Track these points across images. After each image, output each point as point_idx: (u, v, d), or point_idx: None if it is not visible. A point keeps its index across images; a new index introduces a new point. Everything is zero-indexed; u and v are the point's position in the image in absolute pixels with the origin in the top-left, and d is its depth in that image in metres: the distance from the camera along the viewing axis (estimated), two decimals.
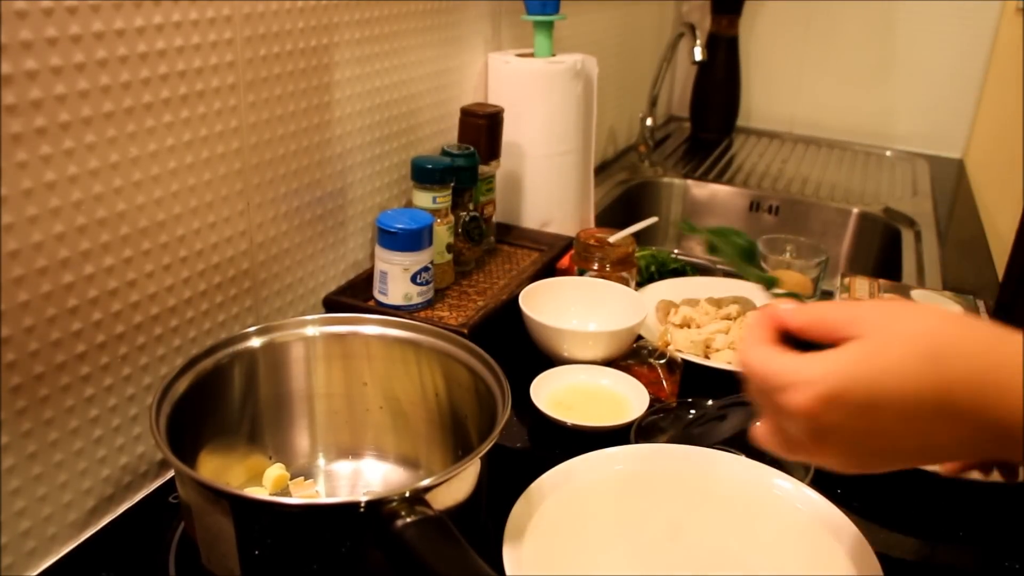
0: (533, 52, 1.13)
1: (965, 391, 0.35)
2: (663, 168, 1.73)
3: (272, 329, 0.69)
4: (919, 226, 1.45)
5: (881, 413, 0.36)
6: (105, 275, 0.62)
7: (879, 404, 0.36)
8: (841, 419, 0.37)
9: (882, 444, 0.37)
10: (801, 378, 0.37)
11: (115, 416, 0.66)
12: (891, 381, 0.36)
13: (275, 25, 0.75)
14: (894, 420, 0.36)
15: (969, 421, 0.36)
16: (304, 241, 0.85)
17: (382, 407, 0.72)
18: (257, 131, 0.75)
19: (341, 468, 0.72)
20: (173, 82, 0.65)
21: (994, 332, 0.36)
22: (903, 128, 1.94)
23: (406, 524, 0.49)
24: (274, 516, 0.53)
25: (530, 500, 0.63)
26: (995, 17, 1.81)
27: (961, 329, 0.36)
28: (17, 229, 0.55)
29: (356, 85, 0.88)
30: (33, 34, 0.53)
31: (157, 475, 0.71)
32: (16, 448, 0.58)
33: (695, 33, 1.58)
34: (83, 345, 0.61)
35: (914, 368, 0.36)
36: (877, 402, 0.36)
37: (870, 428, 0.37)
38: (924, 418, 0.36)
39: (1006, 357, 0.35)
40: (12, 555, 0.59)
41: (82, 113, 0.58)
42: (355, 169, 0.91)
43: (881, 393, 0.36)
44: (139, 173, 0.63)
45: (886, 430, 0.37)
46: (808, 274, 1.06)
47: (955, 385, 0.35)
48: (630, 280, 0.98)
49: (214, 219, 0.72)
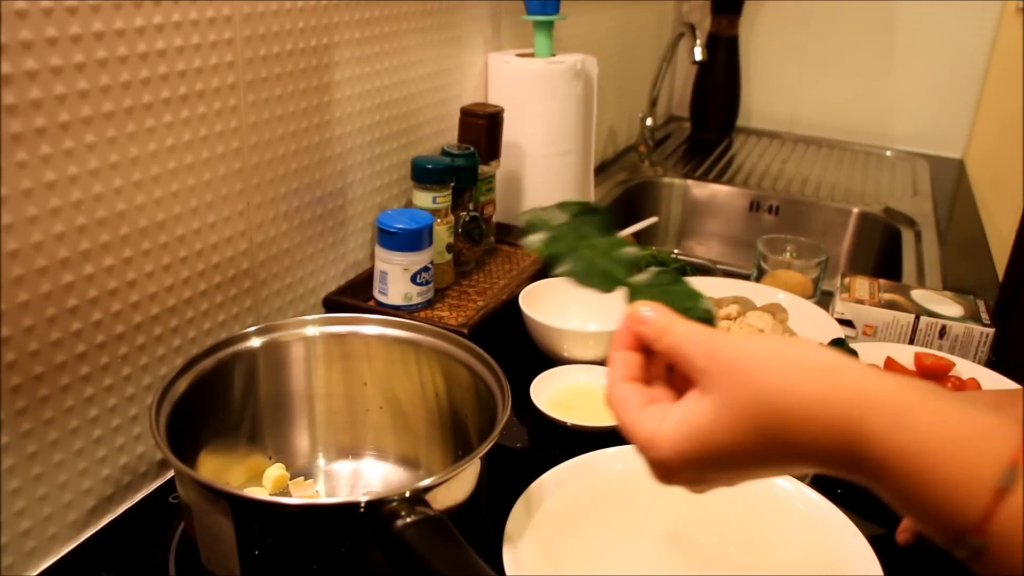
0: (533, 52, 1.13)
1: (806, 451, 0.37)
2: (663, 168, 1.73)
3: (272, 329, 0.69)
4: (919, 226, 1.45)
5: (735, 465, 0.38)
6: (105, 275, 0.62)
7: (731, 462, 0.38)
8: (698, 474, 0.39)
9: (750, 475, 0.40)
10: (653, 449, 0.39)
11: (115, 416, 0.66)
12: (737, 450, 0.37)
13: (275, 25, 0.75)
14: (751, 467, 0.39)
15: (823, 463, 0.37)
16: (304, 241, 0.85)
17: (382, 407, 0.72)
18: (257, 131, 0.75)
19: (341, 468, 0.72)
20: (173, 82, 0.65)
21: (831, 381, 0.36)
22: (903, 128, 1.94)
23: (406, 524, 0.49)
24: (274, 516, 0.53)
25: (530, 500, 0.63)
26: (995, 17, 1.81)
27: (800, 392, 0.36)
28: (17, 229, 0.55)
29: (356, 85, 0.88)
30: (33, 34, 0.53)
31: (157, 475, 0.71)
32: (16, 448, 0.58)
33: (695, 33, 1.58)
34: (83, 345, 0.61)
35: (753, 440, 0.37)
36: (728, 460, 0.38)
37: (730, 473, 0.39)
38: (777, 463, 0.38)
39: (840, 414, 0.35)
40: (12, 555, 0.59)
41: (82, 113, 0.58)
42: (355, 169, 0.91)
43: (730, 456, 0.38)
44: (139, 173, 0.63)
45: (746, 471, 0.39)
46: (808, 274, 1.06)
47: (796, 449, 0.37)
48: None
49: (214, 219, 0.72)
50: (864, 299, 0.94)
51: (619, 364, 0.43)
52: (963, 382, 0.81)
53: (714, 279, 1.06)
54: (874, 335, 0.93)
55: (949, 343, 0.90)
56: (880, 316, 0.92)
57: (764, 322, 0.91)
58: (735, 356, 0.38)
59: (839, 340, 0.85)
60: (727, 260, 1.48)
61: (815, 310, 0.97)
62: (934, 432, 0.33)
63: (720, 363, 0.38)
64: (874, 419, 0.34)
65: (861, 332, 0.93)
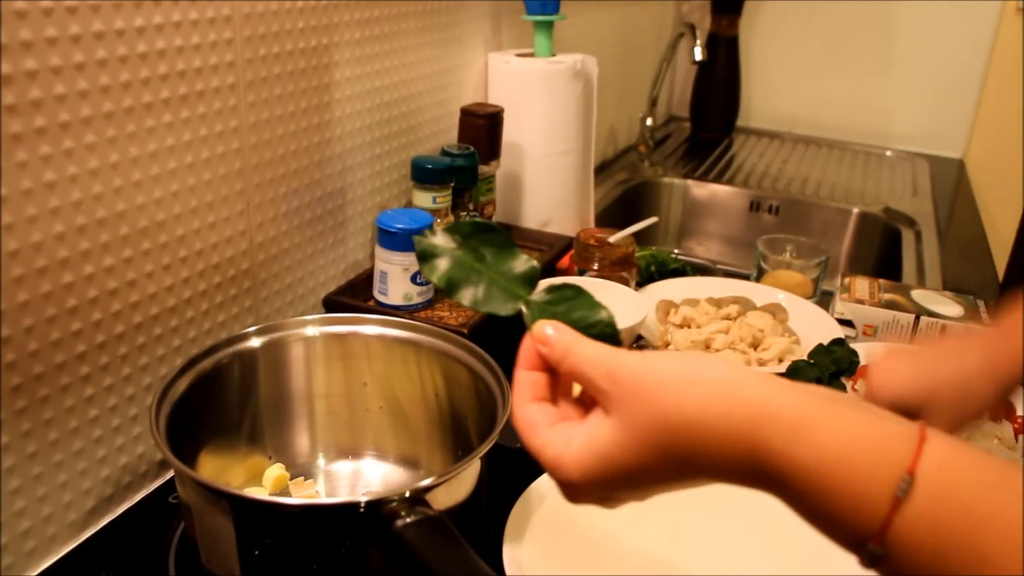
0: (533, 52, 1.13)
1: (709, 466, 0.37)
2: (663, 168, 1.73)
3: (272, 329, 0.69)
4: (919, 226, 1.45)
5: (642, 483, 0.39)
6: (105, 275, 0.62)
7: (637, 481, 0.39)
8: (606, 493, 0.40)
9: (658, 490, 0.40)
10: (560, 471, 0.40)
11: (115, 416, 0.66)
12: (643, 469, 0.38)
13: (275, 25, 0.75)
14: (658, 483, 0.39)
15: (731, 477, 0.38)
16: (304, 241, 0.85)
17: (382, 407, 0.72)
18: (257, 131, 0.75)
19: (341, 468, 0.72)
20: (173, 82, 0.65)
21: (728, 407, 0.37)
22: (903, 128, 1.94)
23: (406, 524, 0.49)
24: (274, 516, 0.53)
25: (530, 500, 0.63)
26: (995, 17, 1.81)
27: (697, 414, 0.37)
28: (17, 229, 0.55)
29: (356, 85, 0.88)
30: (33, 34, 0.53)
31: (157, 475, 0.71)
32: (16, 448, 0.58)
33: (695, 33, 1.58)
34: (83, 345, 0.61)
35: (657, 458, 0.38)
36: (634, 480, 0.39)
37: (638, 490, 0.40)
38: (684, 478, 0.39)
39: (733, 435, 0.36)
40: (12, 555, 0.59)
41: (82, 113, 0.58)
42: (355, 169, 0.91)
43: (635, 476, 0.39)
44: (139, 173, 0.63)
45: (654, 487, 0.40)
46: (808, 274, 1.06)
47: (700, 464, 0.37)
48: (630, 280, 0.98)
49: (214, 219, 0.72)
50: (864, 299, 0.94)
51: (524, 385, 0.43)
52: None
53: (714, 279, 1.06)
54: (874, 335, 0.93)
55: None
56: (880, 316, 0.92)
57: (764, 322, 0.91)
58: (635, 376, 0.38)
59: (839, 340, 0.85)
60: (727, 260, 1.48)
61: (815, 310, 0.97)
62: (831, 445, 0.34)
63: (621, 384, 0.38)
64: (772, 434, 0.35)
65: (861, 332, 0.93)
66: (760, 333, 0.89)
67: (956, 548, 0.31)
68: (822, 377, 0.80)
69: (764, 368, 0.85)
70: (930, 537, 0.31)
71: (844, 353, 0.83)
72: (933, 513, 0.31)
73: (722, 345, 0.89)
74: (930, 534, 0.31)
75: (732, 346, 0.89)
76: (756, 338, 0.89)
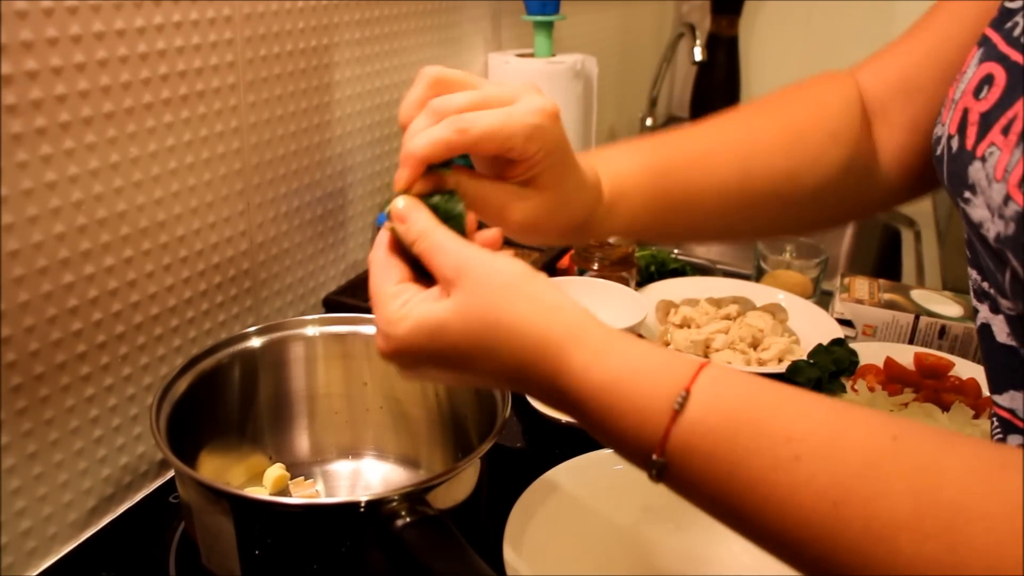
0: (533, 52, 1.13)
1: (516, 371, 0.41)
2: None
3: (272, 329, 0.69)
4: (919, 226, 1.45)
5: (450, 365, 0.42)
6: (105, 275, 0.62)
7: (448, 361, 0.42)
8: (416, 362, 0.43)
9: (460, 379, 0.44)
10: (390, 327, 0.43)
11: (115, 416, 0.66)
12: (457, 351, 0.42)
13: (275, 25, 0.75)
14: (463, 370, 0.42)
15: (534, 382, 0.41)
16: (304, 241, 0.85)
17: (382, 407, 0.72)
18: (257, 131, 0.75)
19: (341, 468, 0.72)
20: (173, 82, 0.65)
21: (544, 316, 0.40)
22: None
23: (406, 524, 0.49)
24: (274, 516, 0.53)
25: (530, 500, 0.63)
26: None
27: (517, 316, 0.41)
28: (17, 229, 0.55)
29: (356, 85, 0.89)
30: (34, 34, 0.53)
31: (157, 475, 0.71)
32: (16, 448, 0.58)
33: (695, 33, 1.58)
34: (83, 345, 0.61)
35: (474, 345, 0.41)
36: (447, 359, 0.42)
37: (444, 371, 0.43)
38: (488, 374, 0.42)
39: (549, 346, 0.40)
40: (12, 555, 0.59)
41: (82, 113, 0.58)
42: (355, 169, 0.91)
43: (449, 355, 0.42)
44: (139, 173, 0.63)
45: (458, 373, 0.43)
46: (808, 274, 1.06)
47: (508, 367, 0.41)
48: (630, 280, 0.98)
49: (214, 219, 0.72)
50: (864, 299, 0.94)
51: (389, 240, 0.46)
52: (963, 382, 0.81)
53: (714, 279, 1.06)
54: (874, 335, 0.93)
55: (949, 343, 0.90)
56: (880, 316, 0.92)
57: (764, 322, 0.91)
58: (478, 276, 0.41)
59: (839, 340, 0.85)
60: (727, 260, 1.48)
61: (815, 310, 0.97)
62: (623, 368, 0.38)
63: (464, 278, 0.41)
64: (574, 356, 0.39)
65: (861, 332, 0.93)
66: (760, 333, 0.89)
67: (724, 450, 0.35)
68: (822, 377, 0.80)
69: (764, 368, 0.85)
70: (705, 442, 0.35)
71: (844, 353, 0.83)
72: (705, 420, 0.36)
73: (722, 345, 0.89)
74: (705, 439, 0.36)
75: (732, 346, 0.89)
76: (756, 338, 0.89)
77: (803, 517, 0.33)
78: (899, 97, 0.59)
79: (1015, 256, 0.39)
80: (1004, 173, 0.40)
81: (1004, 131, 0.40)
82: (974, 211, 0.42)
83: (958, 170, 0.44)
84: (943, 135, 0.47)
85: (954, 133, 0.45)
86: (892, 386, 0.80)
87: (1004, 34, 0.44)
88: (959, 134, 0.45)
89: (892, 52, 0.62)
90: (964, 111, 0.45)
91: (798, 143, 0.59)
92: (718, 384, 0.37)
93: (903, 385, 0.80)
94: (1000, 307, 0.45)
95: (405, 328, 0.42)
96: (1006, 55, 0.43)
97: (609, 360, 0.39)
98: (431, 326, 0.41)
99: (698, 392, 0.36)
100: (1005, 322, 0.45)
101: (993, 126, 0.42)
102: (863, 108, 0.61)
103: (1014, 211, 0.39)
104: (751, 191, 0.58)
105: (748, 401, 0.36)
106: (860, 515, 0.31)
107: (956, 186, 0.45)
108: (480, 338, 0.41)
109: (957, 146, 0.45)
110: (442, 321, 0.41)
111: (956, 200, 0.45)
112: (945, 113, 0.48)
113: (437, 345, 0.42)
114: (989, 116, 0.42)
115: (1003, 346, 0.46)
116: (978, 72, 0.45)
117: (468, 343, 0.41)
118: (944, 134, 0.47)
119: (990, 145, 0.41)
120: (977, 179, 0.42)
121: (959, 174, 0.44)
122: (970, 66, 0.46)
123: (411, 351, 0.43)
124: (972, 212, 0.43)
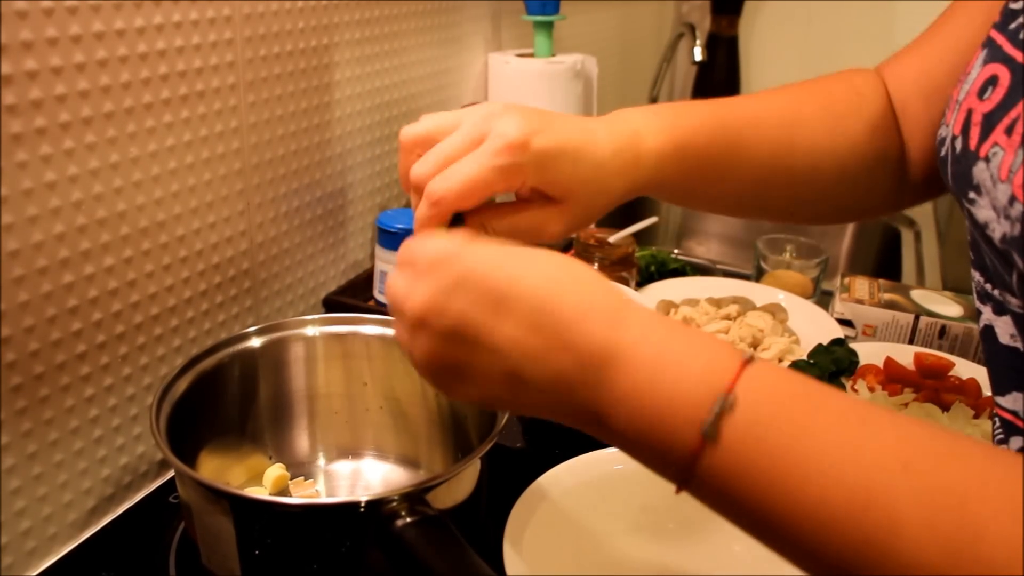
0: (533, 52, 1.13)
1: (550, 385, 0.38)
2: None
3: (272, 329, 0.69)
4: (919, 226, 1.45)
5: (483, 296, 0.39)
6: (105, 275, 0.62)
7: (480, 290, 0.39)
8: (448, 289, 0.39)
9: (494, 340, 0.39)
10: (418, 249, 0.41)
11: (115, 416, 0.66)
12: (488, 286, 0.39)
13: (275, 25, 0.75)
14: (501, 354, 0.39)
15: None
16: (304, 241, 0.85)
17: (382, 407, 0.72)
18: (257, 131, 0.75)
19: (341, 468, 0.72)
20: (173, 82, 0.65)
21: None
22: None
23: (406, 524, 0.49)
24: (274, 516, 0.53)
25: (530, 500, 0.63)
26: None
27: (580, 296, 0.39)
28: (17, 229, 0.55)
29: (356, 85, 0.89)
30: (33, 34, 0.53)
31: (157, 475, 0.71)
32: (16, 448, 0.58)
33: (695, 33, 1.58)
34: (83, 345, 0.61)
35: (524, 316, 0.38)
36: (478, 287, 0.39)
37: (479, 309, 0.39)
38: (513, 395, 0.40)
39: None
40: (12, 555, 0.59)
41: (82, 113, 0.58)
42: (355, 169, 0.91)
43: (479, 284, 0.39)
44: (139, 173, 0.63)
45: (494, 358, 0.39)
46: (808, 274, 1.06)
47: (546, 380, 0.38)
48: (630, 280, 0.98)
49: (214, 219, 0.72)
50: (864, 299, 0.94)
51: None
52: (963, 382, 0.81)
53: (714, 279, 1.06)
54: (874, 335, 0.93)
55: (949, 343, 0.90)
56: (880, 316, 0.92)
57: (764, 322, 0.91)
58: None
59: (839, 340, 0.85)
60: (727, 260, 1.48)
61: (815, 310, 0.97)
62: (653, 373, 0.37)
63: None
64: (604, 385, 0.37)
65: (861, 332, 0.93)
66: (760, 333, 0.89)
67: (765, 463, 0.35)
68: (822, 377, 0.80)
69: None
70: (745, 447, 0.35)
71: (844, 353, 0.83)
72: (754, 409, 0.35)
73: None
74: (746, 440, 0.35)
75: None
76: (756, 338, 0.89)
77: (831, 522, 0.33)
78: (918, 98, 0.59)
79: (1021, 256, 0.39)
80: (1009, 173, 0.39)
81: (1008, 131, 0.40)
82: (979, 212, 0.42)
83: (962, 171, 0.44)
84: (947, 136, 0.47)
85: (958, 134, 0.45)
86: (892, 386, 0.79)
87: (1009, 35, 0.45)
88: (963, 135, 0.45)
89: (910, 53, 0.62)
90: (968, 112, 0.45)
91: (839, 125, 0.60)
92: (765, 375, 0.36)
93: (903, 385, 0.80)
94: (1007, 307, 0.45)
95: (438, 239, 0.41)
96: (1011, 56, 0.43)
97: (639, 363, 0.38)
98: (465, 237, 0.40)
99: (743, 389, 0.36)
100: (1011, 323, 0.45)
101: (996, 126, 0.42)
102: (892, 105, 0.61)
103: (1020, 211, 0.39)
104: (795, 163, 0.58)
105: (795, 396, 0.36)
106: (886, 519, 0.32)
107: (961, 187, 0.44)
108: (514, 276, 0.39)
109: (961, 147, 0.45)
110: (478, 240, 0.40)
111: (961, 201, 0.45)
112: (949, 114, 0.48)
113: (470, 263, 0.39)
114: (992, 116, 0.42)
115: (1007, 348, 0.46)
116: (982, 73, 0.45)
117: (504, 276, 0.39)
118: (948, 135, 0.47)
119: (994, 145, 0.41)
120: (982, 180, 0.42)
121: (964, 175, 0.44)
122: (974, 67, 0.46)
123: (443, 265, 0.40)
124: (977, 213, 0.43)
